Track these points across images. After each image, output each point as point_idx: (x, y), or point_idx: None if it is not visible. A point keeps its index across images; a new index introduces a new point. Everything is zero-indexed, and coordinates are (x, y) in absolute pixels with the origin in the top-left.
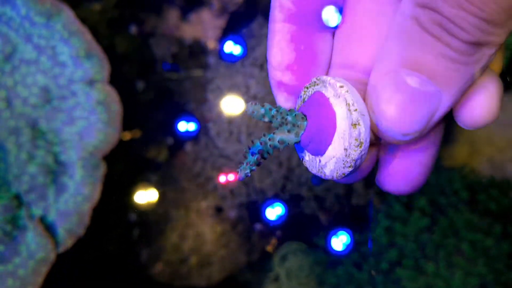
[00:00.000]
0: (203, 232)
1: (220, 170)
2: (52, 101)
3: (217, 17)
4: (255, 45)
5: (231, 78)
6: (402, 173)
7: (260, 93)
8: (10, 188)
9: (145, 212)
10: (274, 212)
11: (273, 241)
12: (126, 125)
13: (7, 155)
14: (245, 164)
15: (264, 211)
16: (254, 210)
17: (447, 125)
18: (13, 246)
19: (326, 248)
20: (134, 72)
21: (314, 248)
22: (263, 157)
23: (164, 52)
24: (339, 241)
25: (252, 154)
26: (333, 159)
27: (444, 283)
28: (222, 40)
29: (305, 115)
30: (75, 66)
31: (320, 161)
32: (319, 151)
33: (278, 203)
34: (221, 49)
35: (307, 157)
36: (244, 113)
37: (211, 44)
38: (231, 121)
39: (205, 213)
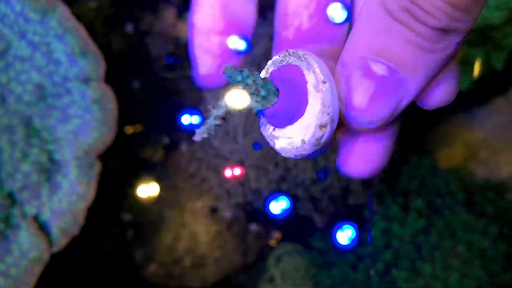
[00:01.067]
0: (197, 233)
1: (215, 170)
2: (46, 99)
3: None
4: (253, 44)
5: None
6: (363, 157)
7: None
8: (3, 186)
9: (139, 213)
10: (278, 206)
11: (277, 235)
12: (122, 124)
13: (0, 153)
14: (204, 125)
15: (268, 205)
16: (250, 210)
17: (444, 128)
18: (5, 245)
19: (323, 248)
20: (130, 71)
21: (309, 250)
22: (223, 120)
23: (160, 51)
24: (345, 235)
25: (214, 117)
26: (295, 137)
27: (441, 285)
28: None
29: (277, 90)
30: (70, 64)
31: (277, 134)
32: (280, 124)
33: (283, 197)
34: None
35: (265, 124)
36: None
37: None
38: (227, 120)
39: (200, 214)
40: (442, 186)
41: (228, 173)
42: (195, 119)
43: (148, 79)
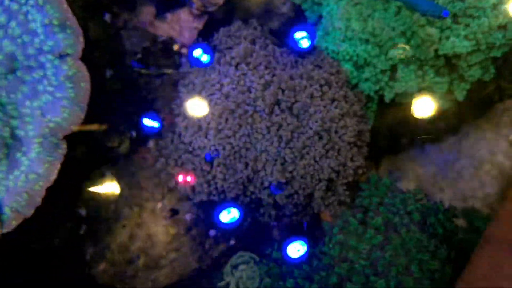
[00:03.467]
0: (155, 234)
1: (183, 167)
2: (16, 71)
3: (195, 18)
4: (233, 45)
5: (206, 75)
6: None
7: (232, 92)
8: None
9: (95, 208)
10: (229, 216)
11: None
12: (91, 110)
13: None
14: None
15: (218, 214)
16: (212, 213)
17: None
18: None
19: (279, 259)
20: (104, 59)
21: (266, 259)
22: None
23: (136, 46)
24: (295, 249)
25: None
26: None
27: None
28: (192, 46)
29: None
30: (46, 36)
31: None
32: None
33: (234, 207)
34: (190, 54)
35: None
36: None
37: (185, 45)
38: (199, 115)
39: (159, 214)
40: (400, 206)
41: (180, 178)
42: (155, 124)
43: (121, 71)
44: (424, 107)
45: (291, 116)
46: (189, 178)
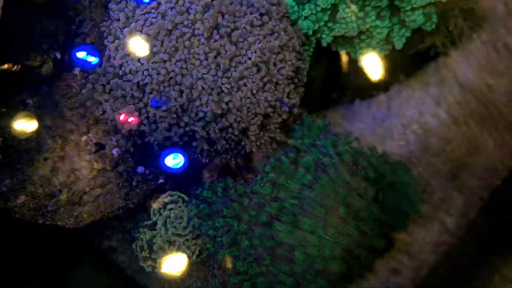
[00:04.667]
0: (79, 168)
1: (111, 93)
2: None
3: None
4: None
5: None
6: None
7: (170, 11)
8: None
9: (13, 136)
10: (174, 161)
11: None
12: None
13: None
14: None
15: (164, 158)
16: (141, 147)
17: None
18: None
19: (212, 199)
20: None
21: (196, 199)
22: None
23: None
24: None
25: None
26: None
27: (316, 240)
28: None
29: None
30: None
31: None
32: None
33: (179, 153)
34: None
35: None
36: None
37: None
38: (133, 36)
39: (84, 148)
40: (331, 148)
41: (122, 117)
42: (91, 59)
43: None
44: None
45: (230, 43)
46: (131, 119)
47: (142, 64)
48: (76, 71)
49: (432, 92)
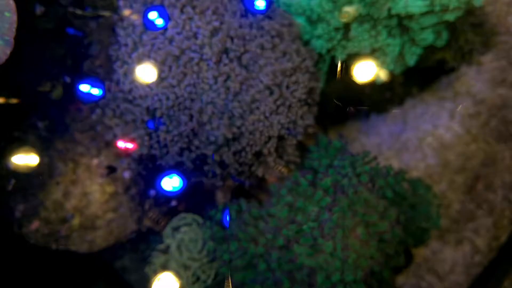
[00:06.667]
0: (91, 191)
1: (122, 118)
2: None
3: None
4: None
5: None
6: None
7: (177, 36)
8: None
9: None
10: (171, 182)
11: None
12: (19, 48)
13: None
14: None
15: (160, 181)
16: (152, 171)
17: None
18: None
19: (222, 221)
20: None
21: (210, 222)
22: None
23: None
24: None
25: None
26: None
27: (339, 263)
28: (147, 9)
29: None
30: None
31: None
32: None
33: (176, 174)
34: (145, 16)
35: None
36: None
37: None
38: (141, 61)
39: (95, 171)
40: (349, 168)
41: (120, 144)
42: (94, 91)
43: (54, 9)
44: (372, 73)
45: (240, 66)
46: (130, 145)
47: (151, 89)
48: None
49: (446, 106)
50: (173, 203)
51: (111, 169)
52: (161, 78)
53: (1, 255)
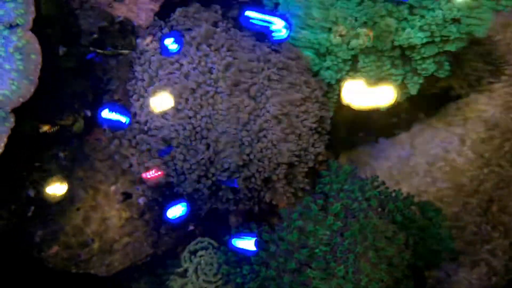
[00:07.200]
0: (109, 217)
1: (136, 148)
2: None
3: (151, 0)
4: (191, 26)
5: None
6: None
7: (192, 71)
8: None
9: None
10: (174, 211)
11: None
12: (43, 85)
13: None
14: None
15: (166, 211)
16: (169, 197)
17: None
18: None
19: (234, 247)
20: (57, 36)
21: (224, 246)
22: None
23: (92, 26)
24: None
25: None
26: None
27: (352, 287)
28: (165, 35)
29: None
30: None
31: None
32: None
33: (181, 203)
34: (161, 42)
35: None
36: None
37: (142, 26)
38: (157, 94)
39: (113, 197)
40: (359, 193)
41: (147, 175)
42: (115, 116)
43: (76, 49)
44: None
45: (248, 98)
46: (156, 173)
47: (167, 120)
48: (105, 126)
49: (457, 131)
50: (190, 227)
51: (127, 195)
52: (177, 110)
53: (21, 278)
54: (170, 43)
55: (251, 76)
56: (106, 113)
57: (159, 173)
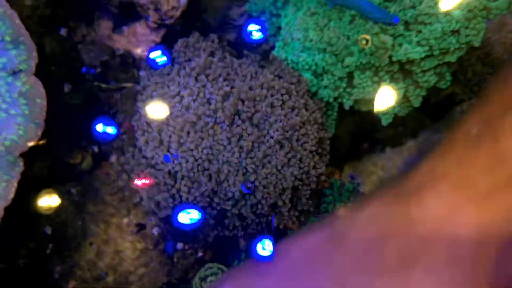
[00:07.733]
0: (122, 249)
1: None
2: None
3: (152, 31)
4: (192, 56)
5: (164, 87)
6: None
7: (192, 103)
8: None
9: (61, 225)
10: (188, 217)
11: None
12: (50, 126)
13: None
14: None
15: (176, 216)
16: (177, 228)
17: (361, 164)
18: None
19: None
20: (61, 74)
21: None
22: None
23: (94, 60)
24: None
25: None
26: None
27: None
28: (151, 49)
29: None
30: None
31: None
32: None
33: (193, 208)
34: (147, 56)
35: None
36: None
37: (143, 57)
38: (161, 129)
39: (126, 230)
40: None
41: (138, 182)
42: (109, 129)
43: (80, 85)
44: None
45: (251, 126)
46: (146, 181)
47: (171, 154)
48: (113, 159)
49: None
50: (200, 254)
51: (141, 227)
52: (179, 143)
53: None
54: (158, 56)
55: (254, 105)
56: (99, 127)
57: (148, 181)
